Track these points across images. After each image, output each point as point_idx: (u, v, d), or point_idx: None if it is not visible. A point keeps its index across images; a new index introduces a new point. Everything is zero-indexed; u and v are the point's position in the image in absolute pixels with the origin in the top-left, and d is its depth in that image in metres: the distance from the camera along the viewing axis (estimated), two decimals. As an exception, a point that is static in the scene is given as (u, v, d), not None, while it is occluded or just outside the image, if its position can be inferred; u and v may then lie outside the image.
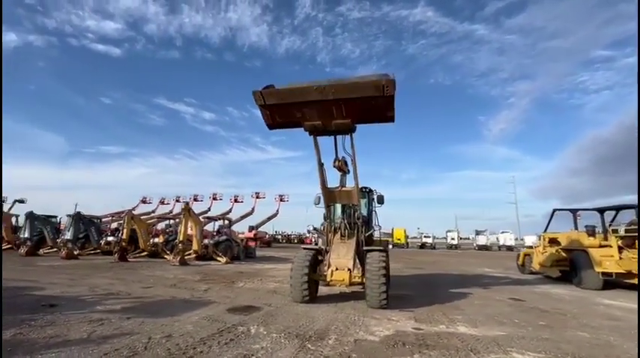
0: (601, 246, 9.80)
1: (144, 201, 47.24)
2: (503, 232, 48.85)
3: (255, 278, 10.65)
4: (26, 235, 15.98)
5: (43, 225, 16.87)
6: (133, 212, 33.63)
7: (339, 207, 8.33)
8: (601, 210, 10.89)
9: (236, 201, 44.13)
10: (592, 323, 5.78)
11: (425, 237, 51.74)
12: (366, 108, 5.38)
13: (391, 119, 5.62)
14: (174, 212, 38.04)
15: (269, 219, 41.83)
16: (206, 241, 16.01)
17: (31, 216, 16.25)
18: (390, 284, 9.06)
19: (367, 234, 7.82)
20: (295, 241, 56.68)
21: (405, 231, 51.48)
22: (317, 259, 7.38)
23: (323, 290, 7.94)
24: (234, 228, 30.12)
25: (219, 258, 15.38)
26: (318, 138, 6.32)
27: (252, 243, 35.74)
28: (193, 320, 5.15)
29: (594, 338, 4.92)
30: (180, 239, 13.97)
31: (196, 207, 37.06)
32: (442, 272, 14.33)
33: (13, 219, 19.84)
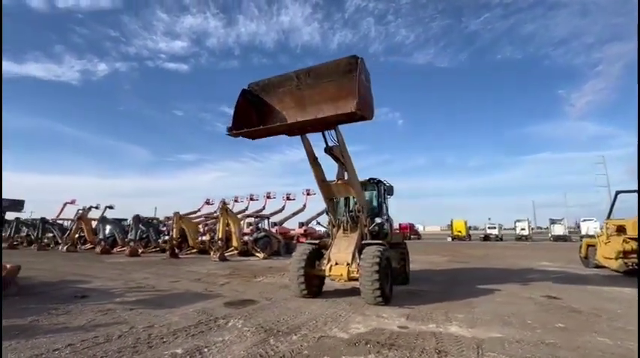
0: (677, 234, 8.01)
1: (207, 203, 51.67)
2: (585, 220, 42.53)
3: (279, 273, 10.93)
4: (100, 236, 18.60)
5: (114, 228, 19.49)
6: (199, 213, 37.03)
7: (342, 200, 8.12)
8: (680, 190, 8.86)
9: (288, 198, 45.74)
10: (628, 327, 4.78)
11: (489, 228, 47.47)
12: (340, 122, 5.68)
13: (368, 119, 5.47)
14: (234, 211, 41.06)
15: (319, 215, 42.41)
16: (246, 238, 16.88)
17: (103, 220, 18.87)
18: (408, 279, 8.67)
19: (372, 227, 7.44)
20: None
21: (465, 223, 47.95)
22: (320, 253, 7.31)
23: (336, 285, 7.78)
24: (287, 224, 31.31)
25: (257, 254, 16.11)
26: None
27: (302, 239, 36.69)
28: (184, 313, 5.51)
29: (615, 345, 4.07)
30: (219, 236, 14.95)
31: (252, 206, 39.34)
32: (486, 267, 13.07)
33: (94, 223, 23.21)
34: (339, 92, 5.58)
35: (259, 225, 19.29)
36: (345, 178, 6.97)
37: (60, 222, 23.85)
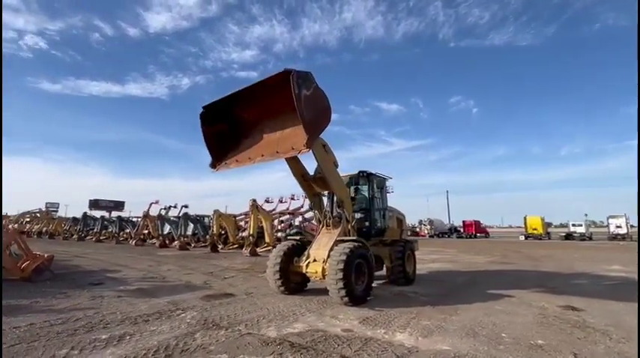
0: None
1: (267, 201, 54.73)
2: None
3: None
4: (159, 232, 20.96)
5: (170, 225, 21.78)
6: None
7: (329, 195, 7.80)
8: None
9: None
10: (633, 351, 3.69)
11: (574, 225, 40.95)
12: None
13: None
14: (290, 209, 42.77)
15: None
16: (279, 234, 17.36)
17: (160, 218, 21.24)
18: (411, 280, 7.99)
19: (353, 223, 7.00)
20: (409, 233, 54.00)
21: (542, 220, 42.16)
22: (304, 250, 7.15)
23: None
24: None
25: (289, 250, 16.43)
26: None
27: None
28: (157, 303, 5.89)
29: (585, 372, 3.18)
30: (250, 233, 15.64)
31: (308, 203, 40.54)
32: (529, 269, 11.33)
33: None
34: (291, 96, 5.39)
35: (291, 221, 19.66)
36: (322, 173, 6.70)
37: (134, 219, 27.56)
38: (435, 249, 21.54)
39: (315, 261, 6.54)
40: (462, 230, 50.60)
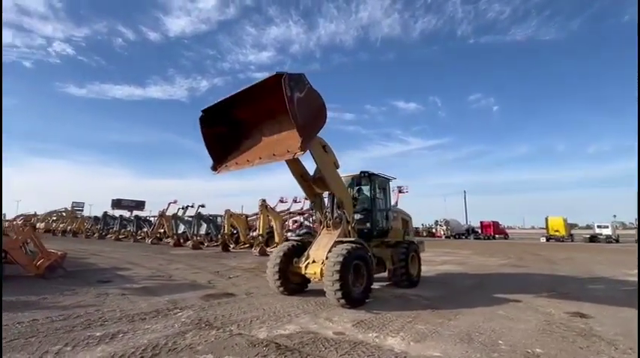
0: None
1: (281, 201, 55.04)
2: None
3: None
4: (174, 231, 21.45)
5: (184, 224, 22.26)
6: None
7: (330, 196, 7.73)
8: None
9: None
10: (638, 364, 3.47)
11: (599, 226, 39.13)
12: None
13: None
14: (304, 208, 42.93)
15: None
16: (289, 234, 17.41)
17: (175, 218, 21.73)
18: (415, 282, 7.84)
19: (353, 224, 6.91)
20: (424, 234, 53.17)
21: (564, 221, 40.47)
22: (303, 250, 7.12)
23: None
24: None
25: (298, 250, 16.46)
26: None
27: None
28: (157, 301, 6.00)
29: (579, 384, 3.00)
30: (259, 232, 15.77)
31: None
32: (542, 273, 10.88)
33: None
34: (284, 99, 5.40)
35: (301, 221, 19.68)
36: (322, 174, 6.66)
37: (152, 219, 28.34)
38: (449, 251, 21.07)
39: (314, 261, 6.50)
40: (479, 231, 49.35)
